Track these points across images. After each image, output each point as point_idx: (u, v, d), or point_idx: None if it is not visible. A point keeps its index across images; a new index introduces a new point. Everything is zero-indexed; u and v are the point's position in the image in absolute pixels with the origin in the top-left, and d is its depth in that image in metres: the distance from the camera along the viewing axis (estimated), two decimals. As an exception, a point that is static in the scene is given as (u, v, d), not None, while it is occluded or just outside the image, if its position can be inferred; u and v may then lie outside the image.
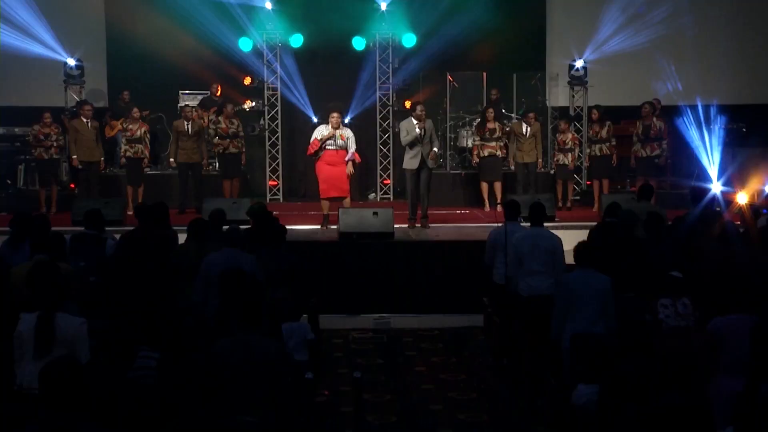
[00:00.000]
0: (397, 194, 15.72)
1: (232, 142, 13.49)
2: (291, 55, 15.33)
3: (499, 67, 16.04)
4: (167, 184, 14.28)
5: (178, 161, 13.44)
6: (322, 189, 11.77)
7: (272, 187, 15.48)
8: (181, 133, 13.33)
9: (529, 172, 13.73)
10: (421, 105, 11.65)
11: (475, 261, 9.94)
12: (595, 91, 15.31)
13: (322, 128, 11.84)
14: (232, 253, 7.19)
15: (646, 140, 13.32)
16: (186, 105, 14.25)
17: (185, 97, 15.53)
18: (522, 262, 7.82)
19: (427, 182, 11.68)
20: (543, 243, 7.82)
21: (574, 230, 11.48)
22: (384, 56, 15.41)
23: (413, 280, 10.54)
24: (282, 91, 15.32)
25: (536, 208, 8.10)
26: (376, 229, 10.78)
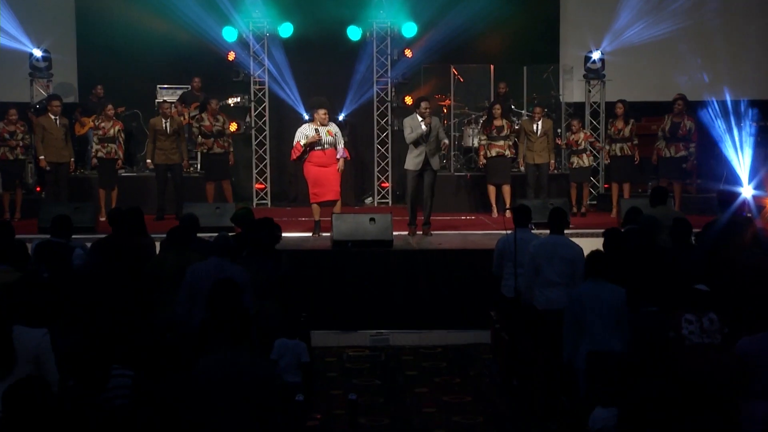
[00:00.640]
0: (396, 198, 15.73)
1: (216, 141, 13.49)
2: (280, 46, 15.36)
3: (508, 59, 16.08)
4: (143, 188, 14.29)
5: (155, 162, 13.44)
6: (313, 193, 11.73)
7: (259, 190, 15.50)
8: (159, 131, 13.33)
9: (540, 174, 13.75)
10: (426, 101, 11.63)
11: (482, 272, 9.94)
12: (613, 86, 15.35)
13: (306, 128, 11.72)
14: (219, 263, 7.19)
15: (672, 139, 13.33)
16: (164, 100, 14.26)
17: (163, 92, 15.55)
18: (539, 272, 7.82)
19: (431, 185, 11.67)
20: (563, 252, 7.82)
21: (589, 238, 11.46)
22: (382, 47, 15.44)
23: (414, 293, 10.55)
24: (270, 85, 15.35)
25: (557, 214, 8.11)
26: (373, 237, 10.79)
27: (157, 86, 15.61)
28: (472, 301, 10.30)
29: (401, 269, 10.63)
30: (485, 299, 9.74)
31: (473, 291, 10.32)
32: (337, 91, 15.09)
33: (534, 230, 9.64)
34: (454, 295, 10.48)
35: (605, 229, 8.30)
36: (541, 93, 15.92)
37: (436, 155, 11.67)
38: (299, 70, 15.44)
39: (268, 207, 15.31)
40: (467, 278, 10.47)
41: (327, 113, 11.68)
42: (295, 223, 12.99)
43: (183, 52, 15.53)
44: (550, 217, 8.08)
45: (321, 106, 11.69)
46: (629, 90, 15.18)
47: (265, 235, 8.25)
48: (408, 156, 11.74)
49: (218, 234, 7.55)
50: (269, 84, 15.34)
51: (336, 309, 10.42)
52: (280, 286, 7.88)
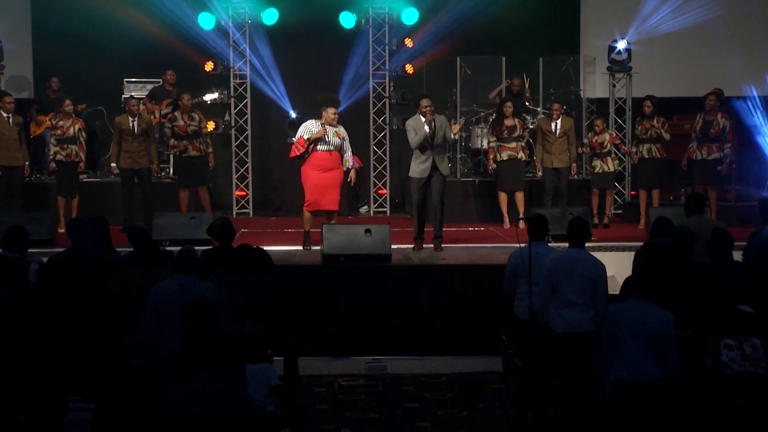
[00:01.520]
0: (395, 207, 15.72)
1: (192, 142, 13.45)
2: (263, 34, 15.36)
3: (522, 49, 16.07)
4: (108, 195, 14.27)
5: (121, 166, 13.41)
6: (310, 201, 11.61)
7: (240, 198, 15.48)
8: (126, 131, 13.31)
9: (560, 180, 13.75)
10: (428, 98, 11.57)
11: (492, 290, 9.91)
12: (640, 80, 15.36)
13: (311, 124, 11.68)
14: (184, 281, 7.17)
15: (704, 140, 13.33)
16: (131, 96, 14.23)
17: (131, 86, 15.55)
18: (556, 290, 7.80)
19: (440, 192, 11.58)
20: (583, 268, 7.80)
21: (614, 252, 11.48)
22: (379, 36, 15.45)
23: (415, 314, 10.52)
24: (252, 79, 15.35)
25: (578, 225, 8.09)
26: (369, 251, 10.77)
27: (124, 80, 15.60)
28: (480, 324, 10.28)
29: (401, 287, 10.61)
30: (496, 321, 9.72)
31: (482, 312, 10.30)
32: (329, 86, 15.02)
33: (551, 243, 9.62)
34: (460, 317, 10.45)
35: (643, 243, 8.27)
36: (558, 88, 15.92)
37: (444, 158, 11.63)
38: (285, 62, 15.44)
39: (249, 217, 15.29)
40: (475, 298, 10.45)
41: (337, 113, 11.64)
42: (280, 235, 12.96)
43: (153, 41, 15.51)
44: (570, 229, 8.06)
45: (331, 105, 11.61)
46: (659, 84, 15.18)
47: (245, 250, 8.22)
48: (412, 163, 11.71)
49: (181, 248, 7.53)
50: (251, 77, 15.34)
51: (326, 332, 10.39)
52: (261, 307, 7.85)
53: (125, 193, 13.48)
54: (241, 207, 15.45)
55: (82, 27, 15.59)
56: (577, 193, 14.48)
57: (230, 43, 15.29)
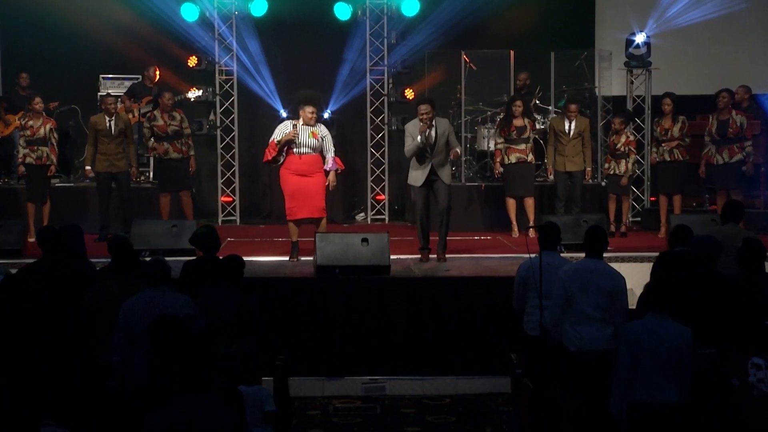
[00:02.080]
0: (395, 214, 15.72)
1: (173, 144, 13.47)
2: (251, 27, 15.38)
3: (532, 43, 16.09)
4: (82, 201, 14.26)
5: (96, 170, 13.42)
6: (290, 208, 11.64)
7: (226, 204, 15.48)
8: (102, 131, 13.32)
9: (573, 185, 13.76)
10: (427, 104, 11.49)
11: (500, 304, 9.91)
12: (661, 76, 15.37)
13: (285, 125, 11.67)
14: (155, 295, 7.16)
15: (723, 141, 13.33)
16: (108, 94, 14.26)
17: (108, 83, 15.55)
18: (571, 304, 7.79)
19: (446, 197, 11.58)
20: (601, 281, 7.79)
21: (631, 263, 11.48)
22: (377, 29, 15.47)
23: (416, 331, 10.52)
24: (239, 75, 15.36)
25: (594, 234, 8.07)
26: (366, 262, 10.76)
27: (100, 76, 15.60)
28: (487, 341, 10.28)
29: (400, 301, 10.60)
30: (504, 338, 9.72)
31: (489, 328, 10.30)
32: (322, 83, 15.10)
33: (564, 253, 9.62)
34: (465, 334, 10.45)
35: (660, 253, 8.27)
36: (572, 85, 15.93)
37: (446, 166, 11.62)
38: (275, 56, 15.46)
39: (236, 224, 15.29)
40: (481, 313, 10.44)
41: (314, 112, 11.62)
42: (270, 245, 12.96)
43: (132, 34, 15.54)
44: (587, 237, 8.06)
45: (308, 103, 11.58)
46: (680, 81, 15.21)
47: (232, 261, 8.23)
48: (410, 168, 11.73)
49: (151, 258, 7.52)
50: (238, 74, 15.35)
51: (320, 350, 10.38)
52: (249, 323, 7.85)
53: (101, 200, 13.48)
54: (228, 214, 15.45)
55: (54, 17, 15.60)
56: (592, 198, 14.48)
57: (216, 36, 15.30)
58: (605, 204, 14.07)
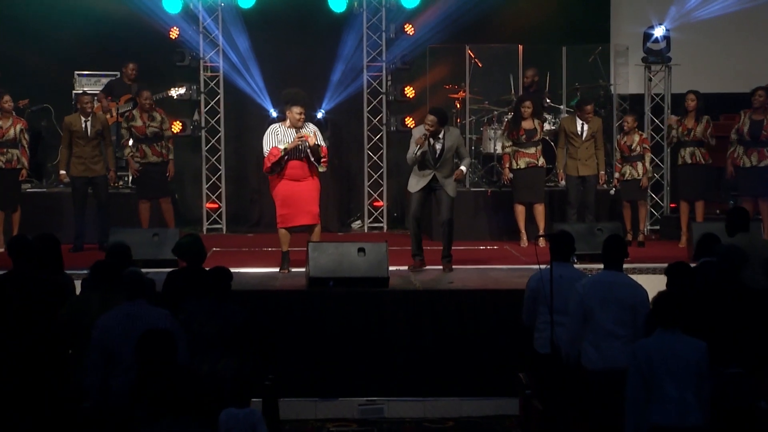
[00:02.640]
0: (394, 222, 15.71)
1: (152, 146, 13.48)
2: (239, 20, 15.37)
3: (542, 37, 16.11)
4: (56, 208, 14.26)
5: (72, 174, 13.42)
6: (282, 215, 11.67)
7: (211, 211, 15.47)
8: (77, 133, 13.32)
9: (586, 190, 13.78)
10: (433, 116, 11.52)
11: (508, 320, 9.92)
12: (681, 73, 15.38)
13: (278, 129, 11.62)
14: (132, 310, 7.16)
15: (754, 143, 13.33)
16: (84, 92, 14.26)
17: (83, 80, 15.54)
18: (589, 320, 7.80)
19: (449, 210, 11.69)
20: (622, 294, 7.79)
21: (649, 275, 11.47)
22: (375, 22, 15.48)
23: (417, 348, 10.52)
24: (225, 71, 15.37)
25: (613, 244, 8.08)
26: (363, 274, 10.77)
27: (75, 73, 15.59)
28: (494, 360, 10.29)
29: (400, 316, 10.61)
30: (512, 357, 9.73)
31: (496, 346, 10.31)
32: (316, 80, 15.12)
33: (577, 264, 9.62)
34: (470, 352, 10.46)
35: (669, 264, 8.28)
36: (585, 82, 15.94)
37: (450, 179, 11.71)
38: (265, 52, 15.47)
39: (222, 233, 15.29)
40: (488, 329, 10.45)
41: (303, 112, 11.62)
42: (259, 255, 12.96)
43: (110, 27, 15.52)
44: (605, 247, 8.05)
45: (296, 103, 11.58)
46: (702, 78, 15.20)
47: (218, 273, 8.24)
48: (411, 176, 11.78)
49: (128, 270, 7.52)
50: (224, 70, 15.36)
51: (313, 370, 10.39)
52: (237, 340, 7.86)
53: (77, 206, 13.49)
54: (213, 222, 15.45)
55: (24, 9, 15.60)
56: (604, 205, 14.48)
57: (200, 30, 15.32)
58: (619, 211, 14.05)
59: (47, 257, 8.59)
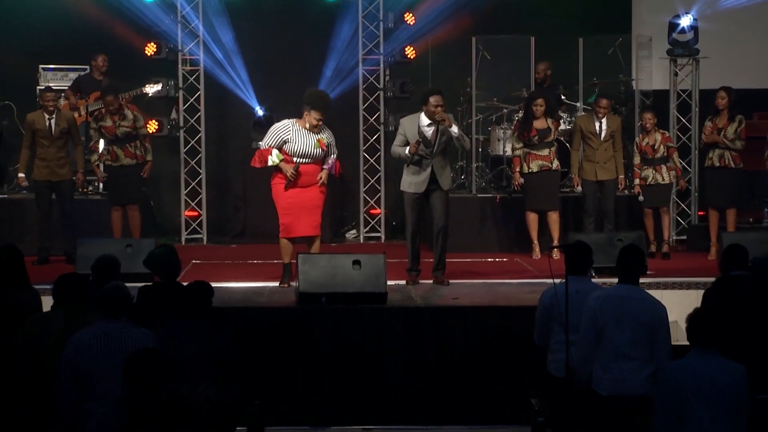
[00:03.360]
0: (392, 231, 15.70)
1: (125, 148, 13.46)
2: (221, 9, 15.38)
3: (557, 27, 16.13)
4: (16, 215, 14.26)
5: (34, 178, 13.42)
6: (284, 224, 11.65)
7: (190, 219, 15.46)
8: (41, 132, 13.31)
9: (605, 197, 13.78)
10: (438, 95, 11.59)
11: (518, 340, 9.91)
12: (711, 66, 15.40)
13: (290, 126, 11.54)
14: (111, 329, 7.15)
15: (793, 145, 13.42)
16: (48, 88, 14.26)
17: (49, 75, 15.54)
18: (601, 340, 7.79)
19: (443, 211, 11.69)
20: (638, 311, 7.77)
21: (675, 290, 11.49)
22: (371, 11, 15.49)
23: (418, 371, 10.53)
24: (206, 65, 15.36)
25: (629, 255, 8.06)
26: (359, 289, 10.76)
27: (39, 66, 15.58)
28: (503, 384, 10.30)
29: (400, 336, 10.61)
30: (523, 380, 9.75)
31: (505, 368, 10.31)
32: (306, 74, 15.09)
33: (595, 278, 9.62)
34: (477, 375, 10.46)
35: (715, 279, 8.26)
36: (604, 77, 15.95)
37: (446, 169, 11.74)
38: (250, 43, 15.48)
39: (203, 244, 15.28)
40: (496, 349, 10.45)
41: (322, 119, 11.51)
42: (244, 269, 12.95)
43: (78, 16, 15.54)
44: (620, 259, 8.05)
45: (318, 108, 11.50)
46: (733, 73, 15.22)
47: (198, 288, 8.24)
48: (404, 173, 11.77)
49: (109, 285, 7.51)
50: (205, 64, 15.36)
51: (304, 395, 10.39)
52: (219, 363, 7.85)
53: (40, 214, 13.47)
54: (192, 231, 15.44)
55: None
56: (628, 213, 14.48)
57: (178, 19, 15.32)
58: (640, 219, 14.03)
59: (9, 271, 8.58)
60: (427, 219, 11.90)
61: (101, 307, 7.33)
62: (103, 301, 7.35)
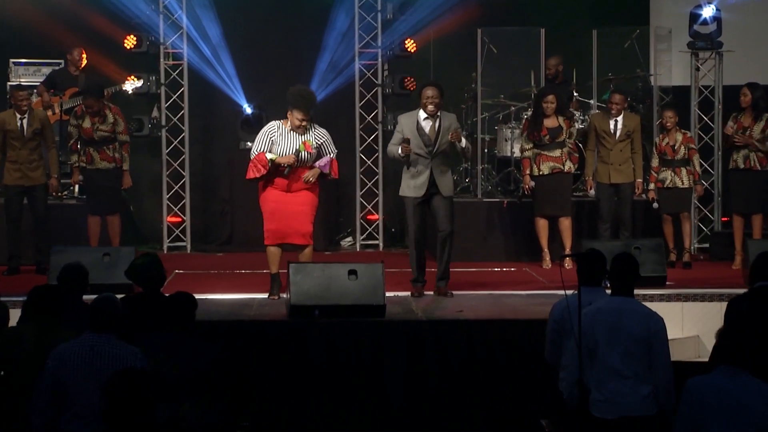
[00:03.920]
0: (391, 239, 15.71)
1: (101, 150, 13.45)
2: None
3: (569, 19, 16.14)
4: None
5: (5, 182, 13.42)
6: (270, 230, 11.64)
7: (173, 226, 15.45)
8: (11, 133, 13.31)
9: (621, 201, 13.79)
10: (434, 87, 11.69)
11: (527, 356, 9.92)
12: (735, 60, 15.41)
13: (274, 131, 11.53)
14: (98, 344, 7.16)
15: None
16: (19, 85, 14.26)
17: (20, 70, 15.55)
18: (593, 357, 7.80)
19: (447, 215, 11.72)
20: (632, 324, 7.76)
21: (697, 302, 11.47)
22: (368, 1, 15.50)
23: (419, 390, 10.53)
24: (191, 59, 15.36)
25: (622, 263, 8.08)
26: (355, 301, 10.77)
27: (10, 61, 15.62)
28: (511, 404, 10.31)
29: (399, 352, 10.61)
30: (532, 400, 9.77)
31: (513, 387, 10.32)
32: (298, 69, 15.10)
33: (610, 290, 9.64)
34: (482, 394, 10.46)
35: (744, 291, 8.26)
36: (620, 72, 15.96)
37: (447, 173, 11.76)
38: (238, 35, 15.49)
39: (187, 252, 15.28)
40: (503, 367, 10.46)
41: (305, 119, 11.46)
42: (231, 279, 12.96)
43: (52, 7, 15.54)
44: (613, 268, 8.04)
45: (299, 107, 11.48)
46: (759, 67, 15.23)
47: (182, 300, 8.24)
48: (403, 177, 11.79)
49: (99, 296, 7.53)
50: (189, 58, 15.36)
51: (296, 416, 10.39)
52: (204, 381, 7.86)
53: (10, 221, 13.48)
54: (175, 239, 15.44)
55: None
56: (645, 218, 14.48)
57: (160, 9, 15.32)
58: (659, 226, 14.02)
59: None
60: (431, 225, 11.90)
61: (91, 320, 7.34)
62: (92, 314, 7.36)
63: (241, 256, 14.46)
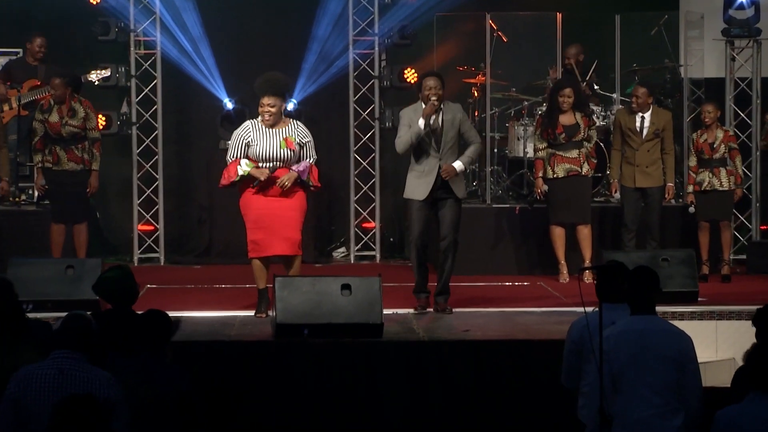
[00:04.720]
0: (389, 249, 15.74)
1: (69, 150, 13.46)
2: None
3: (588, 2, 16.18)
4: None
5: (-43, 185, 13.48)
6: (254, 242, 11.65)
7: (145, 235, 15.47)
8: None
9: (648, 207, 13.83)
10: (436, 77, 11.75)
11: (542, 380, 9.94)
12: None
13: (250, 127, 11.58)
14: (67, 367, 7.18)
15: None
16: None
17: (-27, 60, 15.63)
18: (618, 384, 7.81)
19: (452, 223, 11.78)
20: (657, 346, 7.76)
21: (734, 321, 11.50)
22: (364, -17, 15.57)
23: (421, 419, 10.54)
24: (165, 48, 15.39)
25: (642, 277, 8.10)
26: (349, 319, 10.79)
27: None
28: None
29: (398, 376, 10.64)
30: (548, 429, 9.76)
31: (526, 414, 10.33)
32: (286, 60, 15.14)
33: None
34: (491, 422, 10.48)
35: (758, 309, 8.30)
36: (646, 63, 16.00)
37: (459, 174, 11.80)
38: (217, 22, 15.51)
39: (160, 264, 15.30)
40: (515, 392, 10.47)
41: (275, 105, 11.54)
42: (209, 295, 12.99)
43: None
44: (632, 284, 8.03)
45: (261, 89, 11.59)
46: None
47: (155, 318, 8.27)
48: (408, 177, 11.81)
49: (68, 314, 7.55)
50: (163, 47, 15.39)
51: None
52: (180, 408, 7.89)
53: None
54: (147, 249, 15.47)
55: None
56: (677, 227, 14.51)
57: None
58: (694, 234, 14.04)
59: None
60: (434, 234, 11.93)
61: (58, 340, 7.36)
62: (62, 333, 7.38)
63: (220, 268, 14.49)
